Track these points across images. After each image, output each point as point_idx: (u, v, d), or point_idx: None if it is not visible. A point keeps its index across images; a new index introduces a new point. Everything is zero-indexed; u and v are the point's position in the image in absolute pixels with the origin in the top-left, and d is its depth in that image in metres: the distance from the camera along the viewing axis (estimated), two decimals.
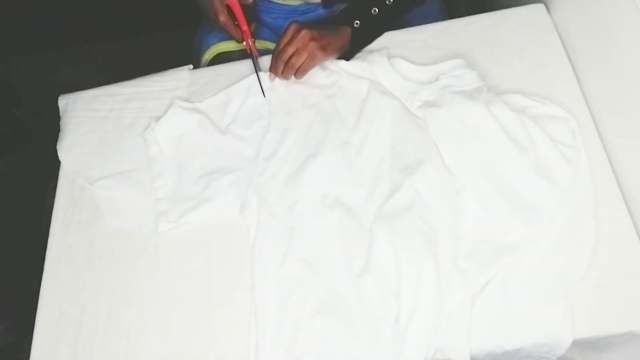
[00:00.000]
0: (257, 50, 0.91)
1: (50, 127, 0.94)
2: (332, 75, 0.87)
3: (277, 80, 0.87)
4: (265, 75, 0.87)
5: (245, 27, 0.90)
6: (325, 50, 0.84)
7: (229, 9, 0.89)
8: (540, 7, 0.88)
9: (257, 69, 0.88)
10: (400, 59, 0.86)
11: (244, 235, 0.77)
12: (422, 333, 0.66)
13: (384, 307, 0.68)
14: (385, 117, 0.81)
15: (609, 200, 0.72)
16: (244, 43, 0.91)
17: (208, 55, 1.03)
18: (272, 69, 0.86)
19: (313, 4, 0.97)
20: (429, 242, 0.70)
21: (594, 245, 0.69)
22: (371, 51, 0.87)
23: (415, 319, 0.66)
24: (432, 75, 0.84)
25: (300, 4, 0.99)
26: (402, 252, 0.70)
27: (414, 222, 0.72)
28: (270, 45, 1.02)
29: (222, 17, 0.89)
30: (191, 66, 0.94)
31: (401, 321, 0.67)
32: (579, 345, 0.66)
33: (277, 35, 1.04)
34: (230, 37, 0.98)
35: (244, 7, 0.90)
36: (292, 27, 0.83)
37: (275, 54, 0.85)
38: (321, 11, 0.99)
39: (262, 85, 0.86)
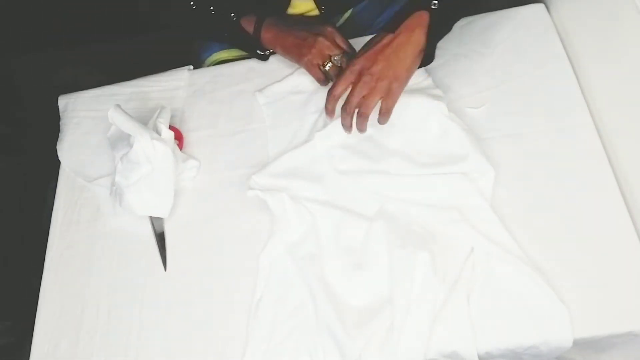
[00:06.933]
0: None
1: (50, 127, 0.94)
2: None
3: (272, 93, 0.86)
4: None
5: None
6: (402, 74, 0.65)
7: None
8: (540, 7, 0.88)
9: (158, 240, 0.73)
10: None
11: (244, 236, 0.77)
12: (417, 334, 0.65)
13: (378, 306, 0.68)
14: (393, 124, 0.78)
15: (609, 200, 0.72)
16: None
17: (208, 62, 1.01)
18: (342, 123, 0.71)
19: (312, 16, 0.94)
20: (423, 242, 0.70)
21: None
22: None
23: (409, 319, 0.66)
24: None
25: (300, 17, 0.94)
26: (396, 251, 0.70)
27: (409, 225, 0.72)
28: None
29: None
30: (191, 66, 0.94)
31: (396, 322, 0.66)
32: (579, 345, 0.66)
33: None
34: (230, 46, 0.96)
35: None
36: (349, 69, 0.67)
37: (329, 97, 0.69)
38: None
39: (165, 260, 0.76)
